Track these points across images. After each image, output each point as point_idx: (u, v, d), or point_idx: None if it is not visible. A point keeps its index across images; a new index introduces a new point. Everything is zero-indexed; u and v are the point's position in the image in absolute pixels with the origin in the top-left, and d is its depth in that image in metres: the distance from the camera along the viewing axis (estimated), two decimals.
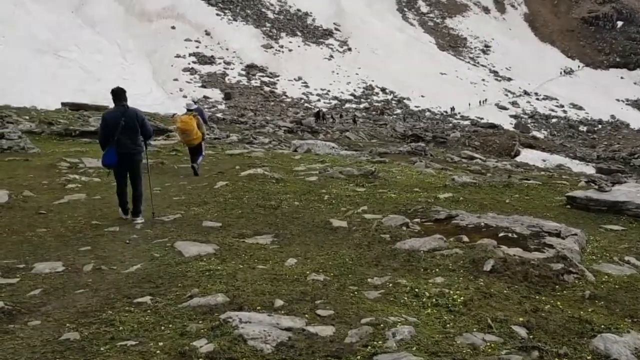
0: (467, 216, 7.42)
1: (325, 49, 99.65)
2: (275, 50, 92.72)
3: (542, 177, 21.28)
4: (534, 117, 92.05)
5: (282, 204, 9.03)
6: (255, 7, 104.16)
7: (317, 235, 7.09)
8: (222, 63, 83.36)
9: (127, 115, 7.80)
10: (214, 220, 7.88)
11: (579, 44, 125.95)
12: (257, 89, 75.60)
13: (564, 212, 8.99)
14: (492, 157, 44.60)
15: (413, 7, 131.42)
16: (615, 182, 25.95)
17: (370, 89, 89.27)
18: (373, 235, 6.68)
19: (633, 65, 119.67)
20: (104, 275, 5.43)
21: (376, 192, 10.68)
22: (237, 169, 13.59)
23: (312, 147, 26.30)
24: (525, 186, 12.13)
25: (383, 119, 66.20)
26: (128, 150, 7.87)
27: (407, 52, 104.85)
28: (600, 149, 64.83)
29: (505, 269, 5.17)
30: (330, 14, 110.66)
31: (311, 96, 79.07)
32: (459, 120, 78.04)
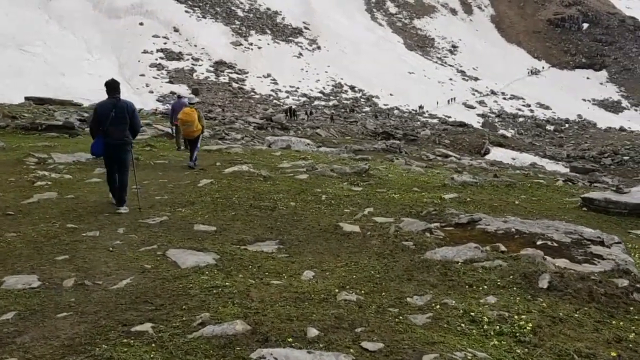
0: (491, 220, 6.68)
1: (294, 47, 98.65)
2: (245, 48, 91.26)
3: (518, 175, 20.96)
4: (501, 116, 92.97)
5: (277, 205, 8.15)
6: (224, 4, 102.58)
7: (328, 241, 6.24)
8: (190, 59, 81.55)
9: (118, 106, 7.84)
10: (206, 224, 6.93)
11: (545, 45, 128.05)
12: (226, 86, 74.03)
13: (583, 215, 8.40)
14: (465, 155, 44.63)
15: (382, 7, 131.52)
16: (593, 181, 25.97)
17: (339, 86, 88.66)
18: (394, 243, 5.87)
19: (599, 66, 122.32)
20: (88, 293, 4.44)
21: (374, 191, 9.91)
22: (219, 166, 12.64)
23: (288, 144, 25.51)
24: (528, 186, 11.57)
25: (353, 116, 65.66)
26: (116, 141, 7.89)
27: (376, 51, 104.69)
28: (570, 148, 65.79)
29: (565, 286, 4.41)
30: (299, 13, 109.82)
31: (280, 93, 77.94)
32: (427, 118, 78.22)
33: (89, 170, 11.26)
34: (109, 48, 79.68)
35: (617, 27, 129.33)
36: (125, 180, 8.08)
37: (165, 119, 27.84)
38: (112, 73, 69.36)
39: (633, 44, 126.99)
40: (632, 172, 49.86)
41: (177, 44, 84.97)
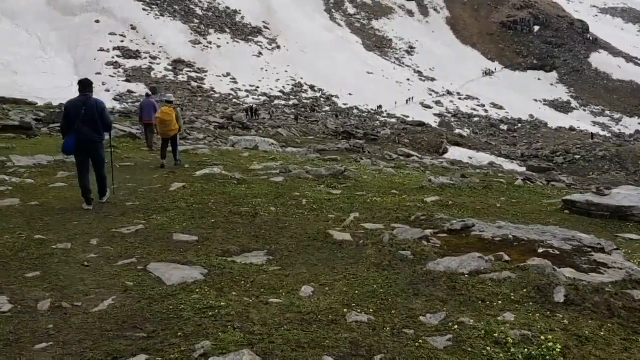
0: (485, 226, 6.47)
1: (254, 46, 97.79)
2: (204, 47, 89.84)
3: (479, 175, 21.14)
4: (457, 116, 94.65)
5: (258, 211, 7.73)
6: (183, 3, 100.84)
7: (320, 251, 5.88)
8: (147, 58, 79.66)
9: (88, 104, 7.85)
10: (186, 233, 6.47)
11: (499, 47, 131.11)
12: (184, 84, 72.58)
13: (567, 218, 8.30)
14: (426, 154, 45.08)
15: (340, 8, 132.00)
16: (550, 180, 26.54)
17: (299, 86, 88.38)
18: (390, 252, 5.55)
19: (549, 68, 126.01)
20: (68, 318, 3.94)
21: (354, 194, 9.62)
22: (189, 168, 12.12)
23: (252, 144, 25.05)
24: (505, 188, 11.49)
25: (314, 116, 65.44)
26: (88, 138, 7.89)
27: (335, 51, 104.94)
28: (523, 147, 67.39)
29: (582, 300, 4.18)
30: (259, 13, 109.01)
31: (240, 92, 76.99)
32: (386, 118, 78.83)
33: (51, 174, 10.57)
34: (64, 46, 77.12)
35: (567, 29, 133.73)
36: (104, 173, 8.22)
37: (124, 118, 26.83)
38: (67, 71, 67.15)
39: (582, 46, 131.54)
40: (583, 170, 51.43)
41: (134, 42, 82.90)
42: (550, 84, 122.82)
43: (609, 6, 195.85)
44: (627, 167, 53.17)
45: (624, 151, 56.84)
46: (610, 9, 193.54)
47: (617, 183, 36.31)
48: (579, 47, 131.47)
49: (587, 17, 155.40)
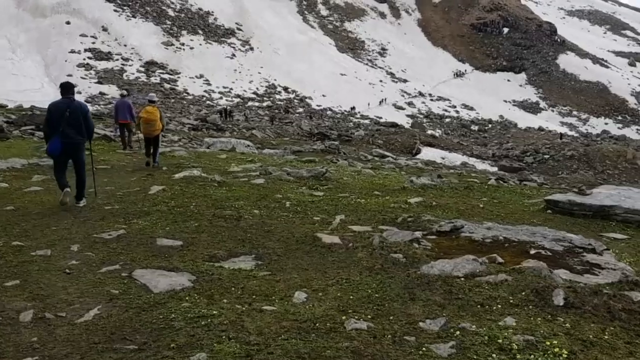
0: (474, 227, 6.43)
1: (227, 47, 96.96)
2: (176, 48, 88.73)
3: (453, 175, 21.31)
4: (429, 116, 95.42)
5: (242, 214, 7.56)
6: (155, 4, 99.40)
7: (309, 255, 5.74)
8: (119, 59, 78.32)
9: (72, 107, 7.96)
10: (170, 237, 6.26)
11: (469, 48, 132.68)
12: (157, 86, 71.48)
13: (550, 218, 8.33)
14: (400, 155, 45.36)
15: (313, 10, 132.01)
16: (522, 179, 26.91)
17: (273, 87, 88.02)
18: (382, 255, 5.45)
19: (518, 69, 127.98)
20: (52, 329, 3.72)
21: (337, 196, 9.52)
22: (167, 171, 11.87)
23: (227, 145, 24.82)
24: (485, 188, 11.55)
25: (288, 117, 65.25)
26: (72, 141, 7.97)
27: (308, 53, 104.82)
28: (494, 147, 68.28)
29: (581, 303, 4.13)
30: (232, 14, 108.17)
31: (213, 94, 76.27)
32: (359, 119, 79.04)
33: (26, 177, 10.22)
34: (34, 48, 75.43)
35: (535, 31, 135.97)
36: (84, 176, 8.26)
37: (97, 120, 26.24)
38: (37, 73, 65.61)
39: (550, 48, 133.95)
40: (553, 169, 52.38)
41: (105, 44, 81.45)
42: (519, 85, 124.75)
43: (575, 8, 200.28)
44: (595, 166, 54.35)
45: (592, 151, 58.09)
46: (577, 11, 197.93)
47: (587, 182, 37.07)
48: (547, 48, 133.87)
49: (554, 19, 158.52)
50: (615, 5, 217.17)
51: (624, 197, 8.74)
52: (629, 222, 8.02)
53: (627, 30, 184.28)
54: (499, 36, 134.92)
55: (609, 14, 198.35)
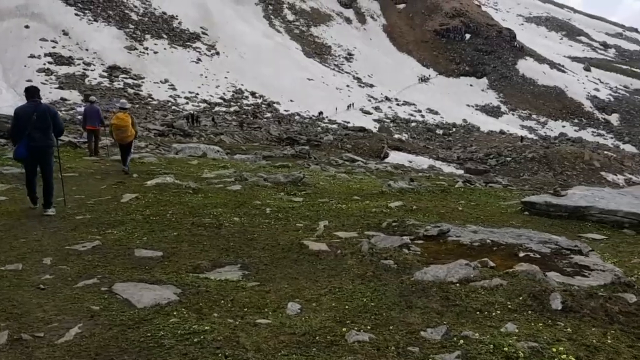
0: (459, 231, 6.35)
1: (192, 52, 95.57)
2: (140, 52, 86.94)
3: (422, 178, 21.48)
4: (396, 121, 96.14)
5: (222, 222, 7.32)
6: (117, 8, 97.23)
7: (298, 264, 5.55)
8: (81, 64, 76.20)
9: (39, 110, 7.83)
10: (149, 248, 5.98)
11: (433, 54, 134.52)
12: (121, 91, 69.90)
13: (528, 220, 8.34)
14: (370, 159, 45.57)
15: (279, 14, 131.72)
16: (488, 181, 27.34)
17: (240, 92, 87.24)
18: (372, 262, 5.30)
19: (480, 74, 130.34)
20: (31, 352, 3.42)
21: (317, 202, 9.35)
22: (138, 178, 11.48)
23: (196, 151, 24.42)
24: (462, 191, 11.55)
25: (257, 122, 64.80)
26: (39, 144, 7.84)
27: (275, 57, 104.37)
28: (458, 150, 69.34)
29: (579, 306, 4.06)
30: (197, 18, 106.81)
31: (179, 99, 75.06)
32: (327, 124, 79.10)
33: None
34: None
35: (496, 37, 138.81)
36: (51, 182, 8.08)
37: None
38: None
39: (509, 53, 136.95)
40: (515, 171, 53.46)
41: (67, 48, 79.17)
42: (481, 90, 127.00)
43: (533, 15, 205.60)
44: (554, 168, 55.77)
45: (551, 153, 59.56)
46: (534, 18, 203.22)
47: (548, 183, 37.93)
48: (507, 54, 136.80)
49: (513, 26, 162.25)
50: (571, 12, 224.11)
51: (597, 198, 8.83)
52: (603, 222, 8.10)
53: (582, 37, 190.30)
54: (461, 42, 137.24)
55: (564, 21, 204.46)
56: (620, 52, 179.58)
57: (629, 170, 62.19)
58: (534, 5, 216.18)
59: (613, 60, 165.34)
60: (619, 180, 56.25)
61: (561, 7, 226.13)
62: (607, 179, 55.58)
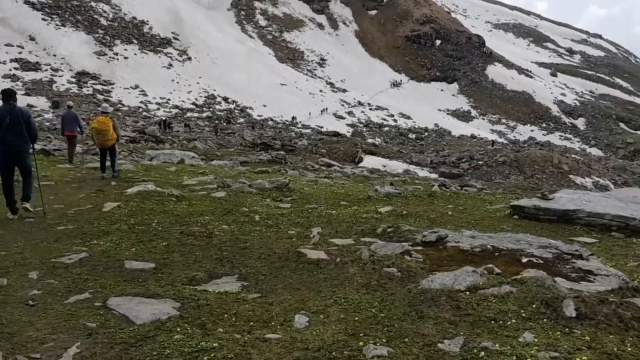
0: (458, 236, 6.26)
1: (164, 57, 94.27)
2: (109, 58, 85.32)
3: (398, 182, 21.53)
4: (369, 125, 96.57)
5: (210, 230, 7.10)
6: (86, 13, 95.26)
7: (297, 273, 5.37)
8: (49, 70, 74.36)
9: (13, 113, 7.75)
10: (139, 259, 5.73)
11: (404, 59, 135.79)
12: (90, 97, 68.41)
13: (519, 224, 8.34)
14: (346, 163, 45.61)
15: (252, 20, 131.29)
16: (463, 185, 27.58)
17: (212, 98, 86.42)
18: (375, 270, 5.17)
19: (451, 79, 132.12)
20: None
21: (305, 208, 9.20)
22: (116, 185, 11.14)
23: (170, 157, 24.04)
24: (448, 195, 11.54)
25: (230, 127, 64.27)
26: (14, 148, 7.84)
27: (248, 63, 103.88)
28: (431, 154, 69.92)
29: (593, 313, 3.99)
30: (168, 23, 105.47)
31: (150, 105, 73.84)
32: (301, 128, 79.01)
33: None
34: None
35: (465, 43, 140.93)
36: (31, 179, 8.18)
37: None
38: None
39: (479, 59, 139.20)
40: (487, 175, 54.16)
41: (33, 54, 77.22)
42: (452, 95, 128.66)
43: (501, 22, 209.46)
44: (525, 171, 56.70)
45: (521, 156, 60.57)
46: (502, 25, 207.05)
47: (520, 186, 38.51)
48: (477, 60, 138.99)
49: (482, 32, 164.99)
50: (537, 19, 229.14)
51: (584, 201, 8.90)
52: (592, 225, 8.14)
53: (549, 43, 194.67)
54: (432, 48, 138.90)
55: (531, 27, 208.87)
56: (585, 58, 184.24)
57: (596, 173, 63.58)
58: (502, 12, 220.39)
59: (578, 66, 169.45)
60: (586, 183, 57.44)
61: (528, 14, 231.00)
62: (575, 182, 56.62)
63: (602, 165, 71.36)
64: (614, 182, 62.11)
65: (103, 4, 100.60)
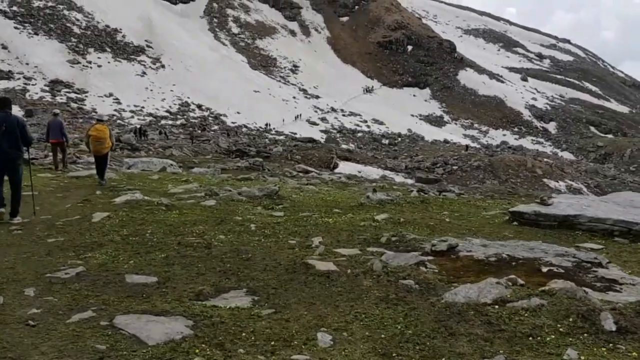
0: (468, 245, 6.11)
1: (137, 65, 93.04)
2: (83, 66, 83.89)
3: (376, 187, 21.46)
4: (342, 131, 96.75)
5: (208, 240, 6.82)
6: (59, 21, 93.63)
7: (309, 286, 5.11)
8: (21, 78, 72.88)
9: (9, 121, 7.88)
10: (140, 273, 5.43)
11: (377, 65, 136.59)
12: (63, 106, 66.91)
13: (520, 230, 8.20)
14: (323, 169, 45.49)
15: (224, 27, 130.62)
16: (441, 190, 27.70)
17: (186, 105, 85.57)
18: (391, 282, 4.95)
19: (423, 85, 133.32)
20: None
21: (299, 216, 8.97)
22: (102, 195, 10.76)
23: (149, 165, 23.61)
24: (441, 201, 11.44)
25: (205, 135, 63.64)
26: (8, 155, 7.94)
27: (221, 70, 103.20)
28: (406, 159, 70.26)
29: (633, 327, 3.81)
30: (141, 31, 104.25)
31: (124, 113, 72.76)
32: (275, 135, 78.78)
33: None
34: None
35: (437, 49, 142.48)
36: (20, 193, 8.23)
37: None
38: None
39: (450, 64, 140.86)
40: (461, 180, 54.60)
41: (6, 62, 75.44)
42: (424, 100, 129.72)
43: (471, 27, 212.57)
44: (499, 176, 57.37)
45: (495, 161, 61.26)
46: (472, 30, 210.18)
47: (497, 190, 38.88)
48: (448, 65, 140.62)
49: (453, 38, 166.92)
50: (507, 24, 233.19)
51: (584, 206, 8.85)
52: (593, 230, 8.05)
53: (518, 48, 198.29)
54: (403, 53, 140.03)
55: (501, 33, 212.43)
56: (554, 62, 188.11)
57: (569, 176, 64.72)
58: (472, 17, 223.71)
59: (548, 70, 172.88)
60: (560, 186, 58.42)
61: (498, 20, 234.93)
62: (549, 186, 57.52)
63: (575, 169, 72.75)
64: (587, 185, 63.36)
65: (76, 12, 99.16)
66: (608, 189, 63.49)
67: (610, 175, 75.75)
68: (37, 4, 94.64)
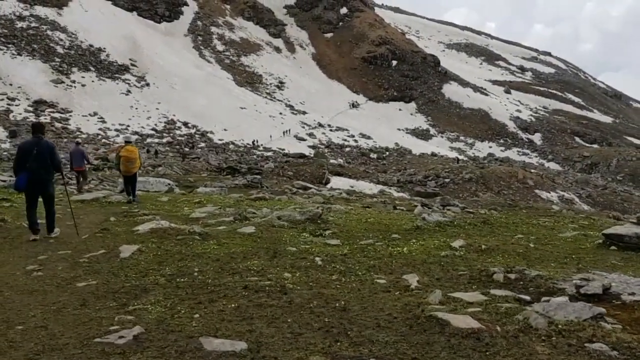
0: (622, 286, 4.79)
1: (122, 84, 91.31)
2: (67, 86, 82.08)
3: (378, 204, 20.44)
4: (330, 146, 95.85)
5: (278, 282, 5.46)
6: (42, 41, 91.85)
7: (458, 354, 3.60)
8: (5, 99, 70.92)
9: (40, 145, 8.24)
10: (219, 335, 4.03)
11: (362, 80, 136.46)
12: (48, 126, 64.96)
13: (628, 257, 6.90)
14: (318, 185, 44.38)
15: (209, 45, 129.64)
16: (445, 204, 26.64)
17: (172, 123, 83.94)
18: (573, 347, 3.59)
19: (408, 99, 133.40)
20: None
21: (359, 244, 7.64)
22: (118, 221, 9.35)
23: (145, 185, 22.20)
24: (503, 222, 10.18)
25: (194, 152, 62.14)
26: (39, 177, 8.23)
27: (207, 87, 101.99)
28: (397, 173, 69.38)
29: None
30: (125, 50, 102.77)
31: (109, 132, 70.92)
32: (262, 151, 77.70)
33: None
34: None
35: (421, 63, 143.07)
36: (53, 210, 8.52)
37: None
38: None
39: (435, 78, 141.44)
40: (454, 192, 53.81)
41: None
42: (410, 114, 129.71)
43: (453, 42, 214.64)
44: (492, 188, 56.81)
45: (487, 173, 60.78)
46: (455, 44, 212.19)
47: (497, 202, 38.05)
48: (433, 79, 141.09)
49: (436, 52, 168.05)
50: (488, 38, 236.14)
51: None
52: None
53: (500, 61, 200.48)
54: (388, 68, 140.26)
55: (483, 47, 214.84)
56: (536, 75, 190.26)
57: (560, 187, 64.48)
58: (454, 32, 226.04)
59: (531, 82, 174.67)
60: (552, 197, 58.03)
61: (479, 34, 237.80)
62: (541, 197, 57.12)
63: (564, 179, 72.62)
64: (579, 195, 63.12)
65: (59, 32, 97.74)
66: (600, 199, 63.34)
67: (601, 185, 75.81)
68: (20, 24, 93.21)
